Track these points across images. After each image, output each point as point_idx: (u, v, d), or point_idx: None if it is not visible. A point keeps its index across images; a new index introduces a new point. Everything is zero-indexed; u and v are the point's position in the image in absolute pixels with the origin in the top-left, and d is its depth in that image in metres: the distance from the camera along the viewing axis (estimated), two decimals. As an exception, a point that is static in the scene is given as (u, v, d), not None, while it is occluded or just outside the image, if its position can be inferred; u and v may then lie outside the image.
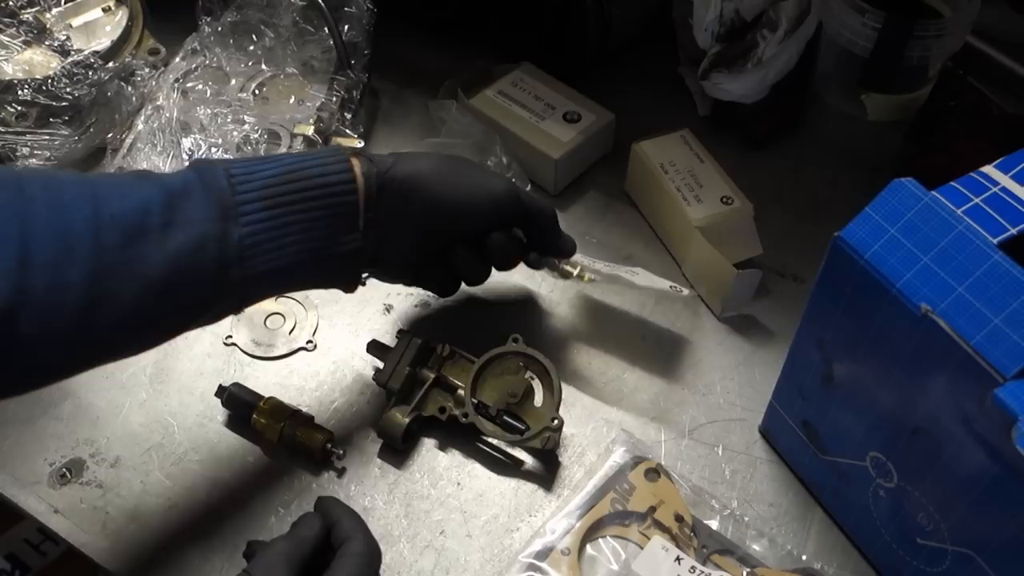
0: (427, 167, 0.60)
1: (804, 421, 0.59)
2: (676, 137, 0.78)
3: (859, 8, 0.78)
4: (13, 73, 0.78)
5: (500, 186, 0.63)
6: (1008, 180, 0.48)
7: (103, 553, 0.59)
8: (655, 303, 0.73)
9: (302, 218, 0.55)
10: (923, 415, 0.48)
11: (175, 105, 0.75)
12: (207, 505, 0.61)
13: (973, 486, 0.46)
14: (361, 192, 0.57)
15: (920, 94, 0.83)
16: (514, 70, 0.84)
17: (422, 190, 0.59)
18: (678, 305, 0.73)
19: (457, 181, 0.61)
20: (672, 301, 0.73)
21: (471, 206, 0.61)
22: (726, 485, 0.63)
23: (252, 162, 0.55)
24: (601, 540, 0.59)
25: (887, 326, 0.48)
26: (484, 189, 0.62)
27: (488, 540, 0.60)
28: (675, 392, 0.68)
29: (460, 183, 0.61)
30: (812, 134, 0.86)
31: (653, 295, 0.73)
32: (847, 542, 0.60)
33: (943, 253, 0.45)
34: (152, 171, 0.56)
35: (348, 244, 0.57)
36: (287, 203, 0.54)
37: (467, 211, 0.61)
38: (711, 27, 0.78)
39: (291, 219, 0.54)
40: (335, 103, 0.77)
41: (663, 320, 0.72)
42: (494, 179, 0.64)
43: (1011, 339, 0.42)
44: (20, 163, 0.76)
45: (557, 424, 0.62)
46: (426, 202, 0.59)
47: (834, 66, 0.85)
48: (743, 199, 0.73)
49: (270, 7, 0.81)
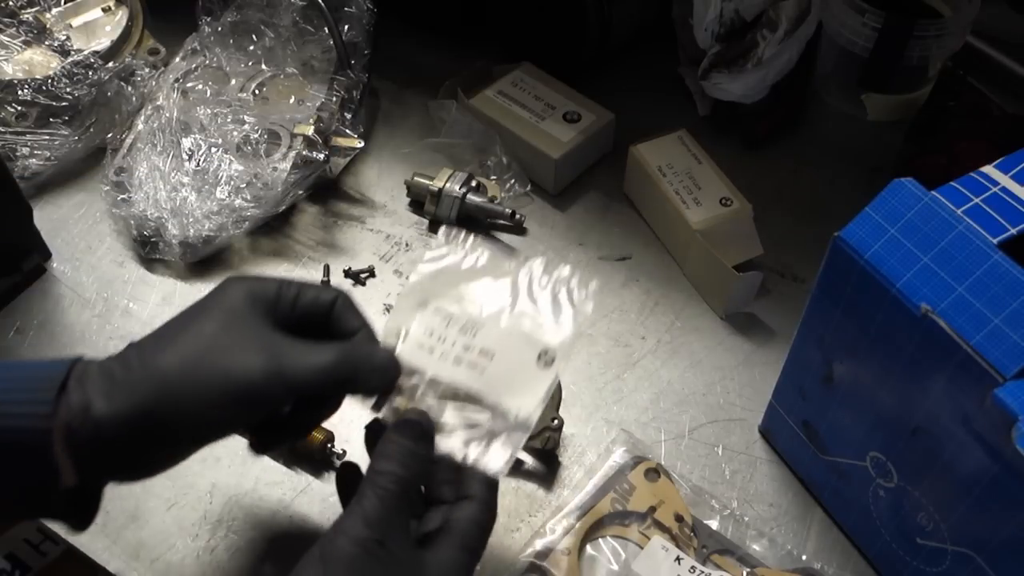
0: (150, 397, 0.45)
1: (804, 421, 0.59)
2: (673, 138, 0.78)
3: (859, 8, 0.78)
4: (13, 73, 0.78)
5: (254, 372, 0.45)
6: (1008, 180, 0.48)
7: (103, 553, 0.59)
8: (655, 303, 0.73)
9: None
10: (923, 415, 0.48)
11: (175, 105, 0.75)
12: (207, 505, 0.61)
13: (973, 486, 0.46)
14: (59, 445, 0.43)
15: (920, 94, 0.83)
16: (514, 70, 0.84)
17: (141, 434, 0.45)
18: (678, 305, 0.73)
19: (187, 406, 0.45)
20: (672, 301, 0.73)
21: (210, 430, 0.47)
22: (726, 485, 0.63)
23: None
24: (601, 540, 0.59)
25: (887, 326, 0.48)
26: (227, 401, 0.45)
27: (488, 540, 0.60)
28: (675, 392, 0.68)
29: (190, 407, 0.45)
30: (812, 134, 0.86)
31: (650, 297, 0.73)
32: (847, 542, 0.60)
33: (943, 253, 0.45)
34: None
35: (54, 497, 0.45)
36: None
37: (206, 435, 0.47)
38: (711, 27, 0.78)
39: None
40: (335, 103, 0.77)
41: (663, 320, 0.72)
42: (243, 367, 0.45)
43: (1011, 339, 0.42)
44: (20, 163, 0.76)
45: (557, 424, 0.62)
46: (150, 443, 0.46)
47: (834, 66, 0.85)
48: (742, 200, 0.73)
49: (270, 7, 0.81)
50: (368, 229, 0.78)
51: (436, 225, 0.78)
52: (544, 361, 0.51)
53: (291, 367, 0.46)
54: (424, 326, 0.52)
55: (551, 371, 0.51)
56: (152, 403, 0.44)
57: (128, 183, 0.74)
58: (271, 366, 0.45)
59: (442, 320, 0.52)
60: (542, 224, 0.79)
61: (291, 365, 0.46)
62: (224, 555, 0.59)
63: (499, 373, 0.51)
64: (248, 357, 0.46)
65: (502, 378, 0.51)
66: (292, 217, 0.78)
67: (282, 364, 0.46)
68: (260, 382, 0.45)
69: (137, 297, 0.73)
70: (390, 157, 0.83)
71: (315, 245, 0.77)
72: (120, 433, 0.44)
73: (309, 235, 0.77)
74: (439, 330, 0.52)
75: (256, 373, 0.45)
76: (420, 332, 0.52)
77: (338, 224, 0.78)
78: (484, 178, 0.79)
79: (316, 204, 0.79)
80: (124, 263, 0.75)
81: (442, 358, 0.51)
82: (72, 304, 0.72)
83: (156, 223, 0.72)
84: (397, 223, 0.79)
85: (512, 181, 0.79)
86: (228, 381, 0.45)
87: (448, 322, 0.52)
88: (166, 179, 0.72)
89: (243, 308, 0.48)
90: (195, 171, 0.73)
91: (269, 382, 0.45)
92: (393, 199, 0.80)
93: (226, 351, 0.46)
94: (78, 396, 0.44)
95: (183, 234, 0.71)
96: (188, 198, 0.71)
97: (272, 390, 0.46)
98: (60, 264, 0.75)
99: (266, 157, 0.74)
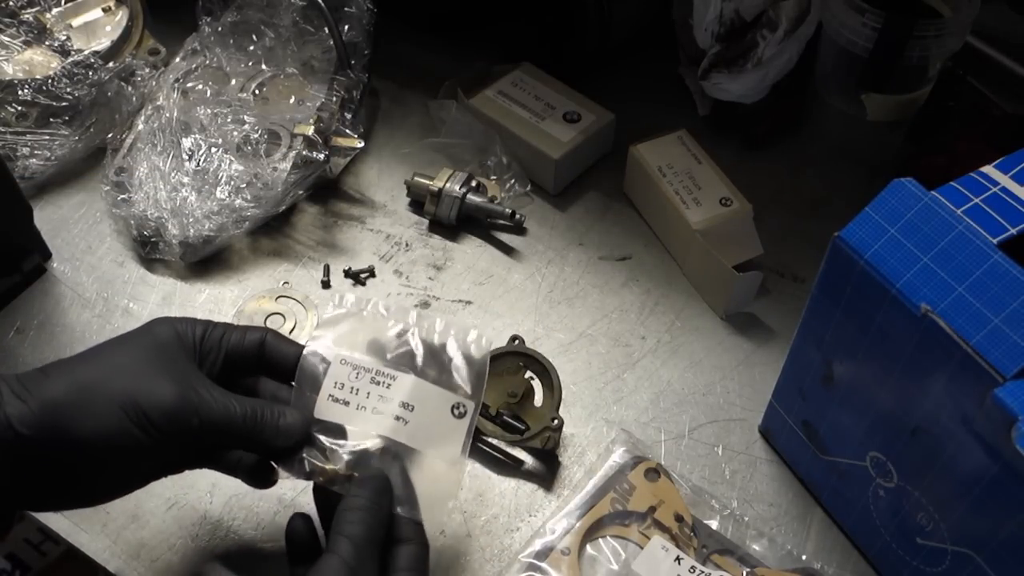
0: (62, 400, 0.45)
1: (804, 421, 0.59)
2: (673, 138, 0.78)
3: (859, 8, 0.78)
4: (13, 73, 0.78)
5: (162, 401, 0.46)
6: (1008, 180, 0.48)
7: (103, 553, 0.59)
8: (655, 303, 0.73)
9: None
10: (923, 415, 0.48)
11: (175, 105, 0.75)
12: (207, 505, 0.61)
13: (973, 486, 0.46)
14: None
15: (920, 94, 0.83)
16: (514, 70, 0.84)
17: (55, 437, 0.45)
18: (678, 305, 0.73)
19: (99, 415, 0.45)
20: (672, 301, 0.73)
21: (124, 446, 0.46)
22: (726, 485, 0.63)
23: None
24: (601, 540, 0.59)
25: (887, 326, 0.48)
26: (137, 415, 0.46)
27: (488, 540, 0.60)
28: (675, 392, 0.68)
29: (102, 417, 0.45)
30: (812, 134, 0.86)
31: (651, 297, 0.73)
32: (847, 542, 0.60)
33: (943, 253, 0.45)
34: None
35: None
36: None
37: (121, 453, 0.46)
38: (711, 27, 0.78)
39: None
40: (335, 103, 0.77)
41: (663, 320, 0.72)
42: (155, 392, 0.46)
43: (1011, 339, 0.42)
44: (20, 163, 0.76)
45: (557, 424, 0.62)
46: (64, 450, 0.45)
47: (834, 66, 0.85)
48: (742, 200, 0.73)
49: (270, 7, 0.81)
50: (368, 229, 0.78)
51: (436, 225, 0.78)
52: (458, 412, 0.53)
53: (203, 402, 0.47)
54: (332, 379, 0.52)
55: (466, 420, 0.53)
56: (62, 402, 0.45)
57: (128, 183, 0.74)
58: (183, 393, 0.47)
59: (351, 371, 0.52)
60: (542, 224, 0.79)
61: (203, 400, 0.47)
62: (224, 555, 0.59)
63: (421, 425, 0.52)
64: (161, 383, 0.47)
65: (425, 429, 0.52)
66: (292, 217, 0.78)
67: (194, 397, 0.47)
68: (168, 405, 0.46)
69: (137, 297, 0.73)
70: (390, 157, 0.83)
71: (315, 245, 0.77)
72: (30, 434, 0.44)
73: (309, 235, 0.77)
74: (349, 382, 0.52)
75: (167, 398, 0.46)
76: (330, 385, 0.52)
77: (338, 224, 0.78)
78: (484, 178, 0.79)
79: (316, 204, 0.79)
80: (124, 263, 0.75)
81: (359, 411, 0.52)
82: (72, 304, 0.72)
83: (156, 223, 0.72)
84: (397, 223, 0.79)
85: (512, 181, 0.79)
86: (137, 393, 0.46)
87: (358, 374, 0.52)
88: (166, 179, 0.72)
89: (166, 343, 0.49)
90: (195, 171, 0.73)
91: (176, 407, 0.46)
92: (393, 199, 0.80)
93: (142, 375, 0.47)
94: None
95: (183, 234, 0.71)
96: (188, 198, 0.71)
97: (178, 416, 0.46)
98: (60, 264, 0.75)
99: (266, 157, 0.74)
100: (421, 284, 0.74)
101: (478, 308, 0.73)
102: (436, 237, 0.78)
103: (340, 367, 0.52)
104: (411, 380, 0.53)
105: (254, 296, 0.73)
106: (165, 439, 0.46)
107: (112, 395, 0.46)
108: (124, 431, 0.45)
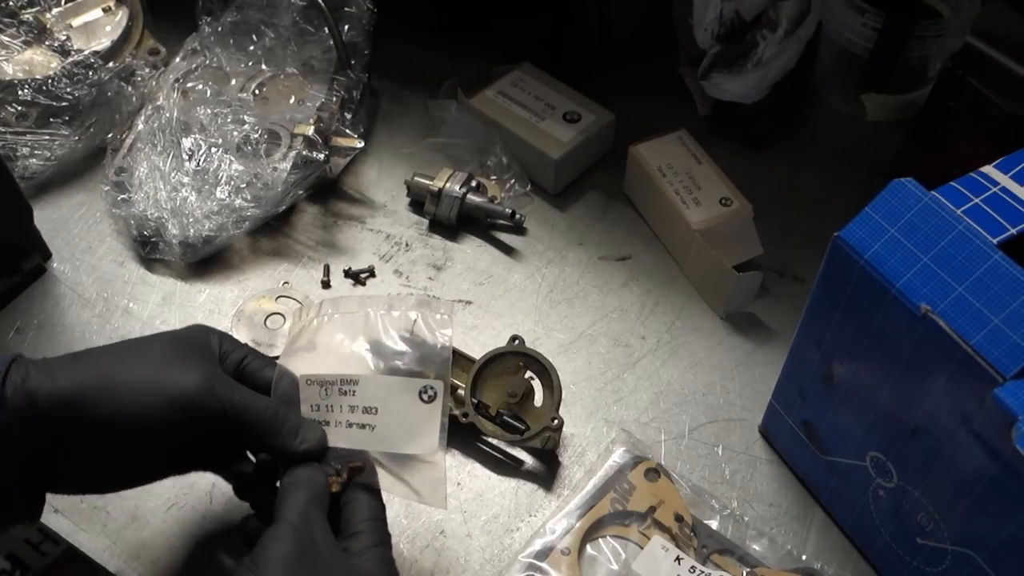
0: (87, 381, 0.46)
1: (804, 421, 0.59)
2: (673, 138, 0.78)
3: (859, 8, 0.78)
4: (13, 73, 0.78)
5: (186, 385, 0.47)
6: (1008, 180, 0.48)
7: (103, 553, 0.59)
8: (655, 303, 0.73)
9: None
10: (923, 415, 0.48)
11: (175, 105, 0.75)
12: (207, 505, 0.61)
13: (973, 486, 0.46)
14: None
15: (920, 94, 0.83)
16: (514, 70, 0.84)
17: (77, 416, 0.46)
18: (678, 305, 0.73)
19: (122, 394, 0.47)
20: (672, 301, 0.73)
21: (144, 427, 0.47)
22: (726, 485, 0.63)
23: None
24: (601, 540, 0.59)
25: (887, 326, 0.48)
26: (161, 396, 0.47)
27: (488, 540, 0.60)
28: (675, 392, 0.68)
29: (125, 396, 0.47)
30: (812, 134, 0.86)
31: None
32: (847, 542, 0.60)
33: (943, 253, 0.45)
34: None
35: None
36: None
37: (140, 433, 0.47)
38: (711, 27, 0.78)
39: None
40: (335, 103, 0.77)
41: (663, 320, 0.72)
42: (181, 376, 0.48)
43: (1011, 339, 0.42)
44: (20, 163, 0.76)
45: (557, 424, 0.62)
46: (86, 428, 0.47)
47: (834, 66, 0.85)
48: (742, 200, 0.73)
49: (270, 7, 0.81)
50: (368, 229, 0.78)
51: (436, 225, 0.78)
52: (428, 396, 0.51)
53: (227, 390, 0.48)
54: (307, 403, 0.51)
55: (437, 403, 0.50)
56: (86, 382, 0.46)
57: (128, 183, 0.74)
58: (207, 379, 0.48)
59: (320, 390, 0.51)
60: (542, 224, 0.79)
61: (227, 388, 0.49)
62: (224, 555, 0.59)
63: (388, 424, 0.50)
64: (187, 369, 0.48)
65: (393, 428, 0.50)
66: (292, 217, 0.78)
67: (219, 385, 0.48)
68: (197, 394, 0.47)
69: (137, 297, 0.73)
70: (390, 157, 0.83)
71: (315, 245, 0.77)
72: (55, 413, 0.45)
73: (309, 235, 0.77)
74: (322, 401, 0.51)
75: (192, 381, 0.47)
76: (306, 410, 0.51)
77: (338, 224, 0.78)
78: (484, 178, 0.79)
79: (316, 204, 0.79)
80: (124, 263, 0.75)
81: (336, 426, 0.51)
82: (72, 304, 0.72)
83: (156, 223, 0.72)
84: (397, 223, 0.79)
85: (512, 181, 0.79)
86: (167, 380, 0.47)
87: (326, 390, 0.51)
88: (166, 179, 0.72)
89: (195, 341, 0.51)
90: (195, 171, 0.73)
91: (205, 397, 0.47)
92: (393, 199, 0.80)
93: (168, 361, 0.48)
94: (17, 375, 0.46)
95: (183, 234, 0.71)
96: (188, 198, 0.71)
97: (207, 404, 0.47)
98: (60, 264, 0.75)
99: (266, 157, 0.74)
100: (421, 284, 0.74)
101: (478, 308, 0.73)
102: (436, 237, 0.78)
103: (308, 388, 0.51)
104: (368, 379, 0.51)
105: (254, 296, 0.73)
106: (187, 421, 0.47)
107: (137, 378, 0.47)
108: (146, 412, 0.47)
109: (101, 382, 0.47)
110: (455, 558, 0.59)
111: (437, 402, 0.50)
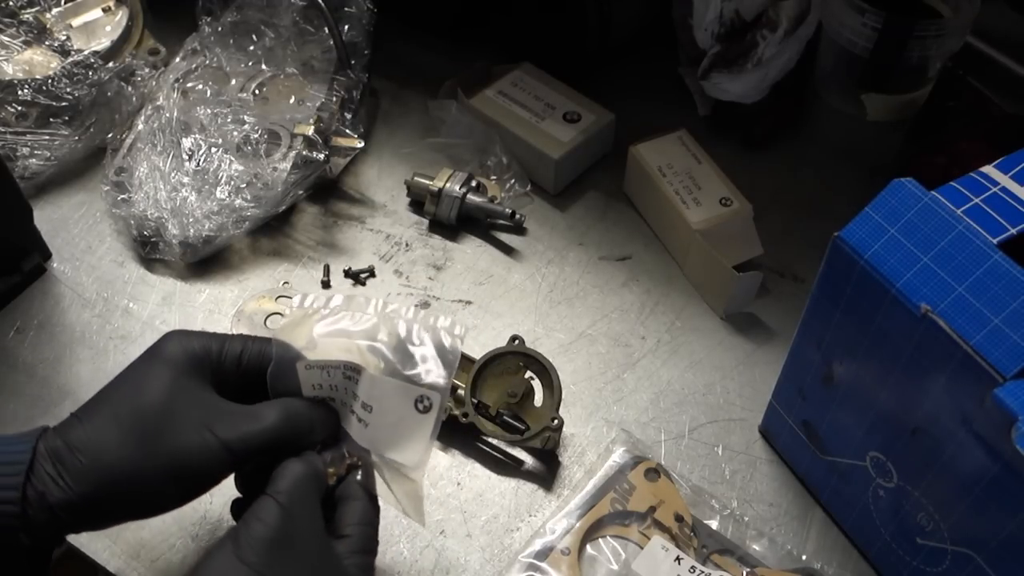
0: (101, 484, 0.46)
1: (804, 421, 0.59)
2: (673, 138, 0.78)
3: (859, 8, 0.78)
4: (13, 73, 0.78)
5: (194, 452, 0.47)
6: (1008, 180, 0.48)
7: (103, 553, 0.59)
8: (655, 303, 0.73)
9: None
10: (923, 415, 0.48)
11: (175, 105, 0.75)
12: (207, 505, 0.61)
13: (973, 486, 0.46)
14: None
15: (920, 94, 0.83)
16: (514, 70, 0.84)
17: (92, 518, 0.47)
18: (678, 305, 0.73)
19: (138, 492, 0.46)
20: (672, 301, 0.73)
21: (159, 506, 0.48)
22: (726, 485, 0.63)
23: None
24: (601, 540, 0.59)
25: (887, 326, 0.48)
26: (168, 477, 0.46)
27: (488, 540, 0.60)
28: (675, 392, 0.68)
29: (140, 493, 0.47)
30: (812, 134, 0.86)
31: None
32: (847, 542, 0.60)
33: (943, 253, 0.45)
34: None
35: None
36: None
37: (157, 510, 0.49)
38: (711, 27, 0.78)
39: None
40: (335, 103, 0.77)
41: (663, 320, 0.72)
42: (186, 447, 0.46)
43: (1011, 339, 0.42)
44: (20, 163, 0.76)
45: (557, 424, 0.62)
46: (103, 522, 0.48)
47: (834, 66, 0.85)
48: (742, 200, 0.73)
49: (270, 7, 0.81)
50: (368, 229, 0.78)
51: (436, 225, 0.78)
52: (423, 406, 0.50)
53: (234, 441, 0.47)
54: (306, 384, 0.50)
55: (431, 415, 0.49)
56: (99, 494, 0.45)
57: (128, 183, 0.74)
58: (212, 443, 0.46)
59: (321, 372, 0.50)
60: (542, 224, 0.79)
61: (234, 439, 0.47)
62: (224, 555, 0.59)
63: (381, 426, 0.50)
64: (190, 436, 0.46)
65: (383, 431, 0.50)
66: (292, 217, 0.78)
67: (224, 440, 0.47)
68: (201, 461, 0.46)
69: (137, 297, 0.73)
70: (390, 157, 0.83)
71: (315, 245, 0.77)
72: (72, 517, 0.46)
73: (309, 235, 0.77)
74: (325, 381, 0.50)
75: (196, 454, 0.46)
76: (308, 390, 0.50)
77: (338, 224, 0.78)
78: (484, 178, 0.79)
79: (316, 204, 0.79)
80: (124, 263, 0.75)
81: (342, 407, 0.51)
82: (72, 304, 0.72)
83: (156, 223, 0.72)
84: (397, 223, 0.79)
85: (512, 181, 0.79)
86: (172, 463, 0.46)
87: (328, 372, 0.50)
88: (166, 179, 0.72)
89: (183, 372, 0.48)
90: (195, 171, 0.73)
91: (211, 458, 0.46)
92: (393, 199, 0.80)
93: (166, 433, 0.46)
94: (36, 484, 0.45)
95: (183, 234, 0.71)
96: (188, 198, 0.71)
97: (215, 465, 0.47)
98: (60, 264, 0.75)
99: (266, 157, 0.74)
100: (421, 284, 0.74)
101: (478, 308, 0.73)
102: (436, 237, 0.78)
103: (306, 372, 0.50)
104: (369, 375, 0.50)
105: (254, 296, 0.73)
106: (202, 483, 0.48)
107: (155, 458, 0.46)
108: (165, 486, 0.47)
109: (111, 487, 0.46)
110: (455, 558, 0.59)
111: (431, 414, 0.50)
